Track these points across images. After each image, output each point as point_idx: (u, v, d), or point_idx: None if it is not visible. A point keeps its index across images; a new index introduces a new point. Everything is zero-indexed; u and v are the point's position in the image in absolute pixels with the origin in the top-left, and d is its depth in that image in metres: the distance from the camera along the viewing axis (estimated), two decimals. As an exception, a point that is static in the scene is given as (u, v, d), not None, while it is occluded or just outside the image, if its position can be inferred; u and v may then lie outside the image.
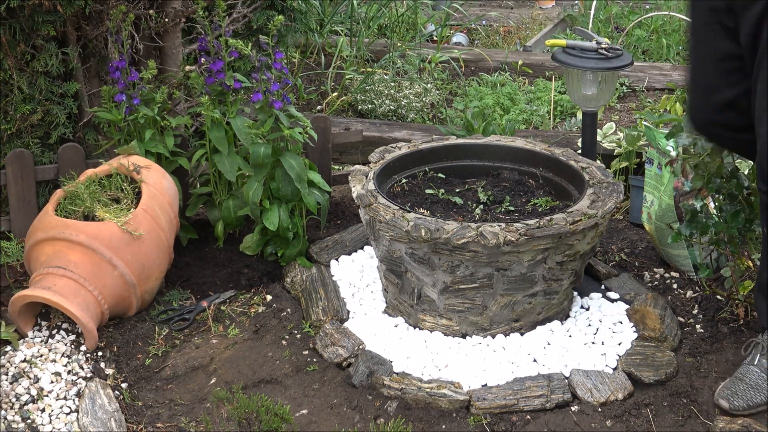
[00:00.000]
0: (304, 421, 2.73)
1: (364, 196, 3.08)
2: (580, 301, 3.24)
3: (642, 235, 3.69)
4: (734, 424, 2.61)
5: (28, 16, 3.25)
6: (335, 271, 3.42)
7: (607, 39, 4.16)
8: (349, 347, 2.97)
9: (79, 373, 2.87)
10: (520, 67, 5.76)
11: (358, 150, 4.32)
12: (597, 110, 3.79)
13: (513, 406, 2.73)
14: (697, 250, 3.30)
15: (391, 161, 3.37)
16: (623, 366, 2.88)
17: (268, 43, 3.28)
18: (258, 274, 3.45)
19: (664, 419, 2.69)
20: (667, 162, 3.25)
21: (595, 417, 2.70)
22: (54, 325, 3.07)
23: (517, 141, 3.55)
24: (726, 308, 3.12)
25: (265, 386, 2.88)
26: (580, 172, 3.27)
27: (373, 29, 6.01)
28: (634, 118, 4.97)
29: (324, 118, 3.75)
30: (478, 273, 2.91)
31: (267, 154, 3.29)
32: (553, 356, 2.94)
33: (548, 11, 7.53)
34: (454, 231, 2.85)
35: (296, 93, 5.12)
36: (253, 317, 3.20)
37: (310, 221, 3.65)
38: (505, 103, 5.16)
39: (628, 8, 6.77)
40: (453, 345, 3.00)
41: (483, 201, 3.29)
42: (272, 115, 3.30)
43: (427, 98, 5.16)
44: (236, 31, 3.82)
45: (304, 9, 4.16)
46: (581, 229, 2.91)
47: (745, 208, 2.89)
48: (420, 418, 2.71)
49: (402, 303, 3.12)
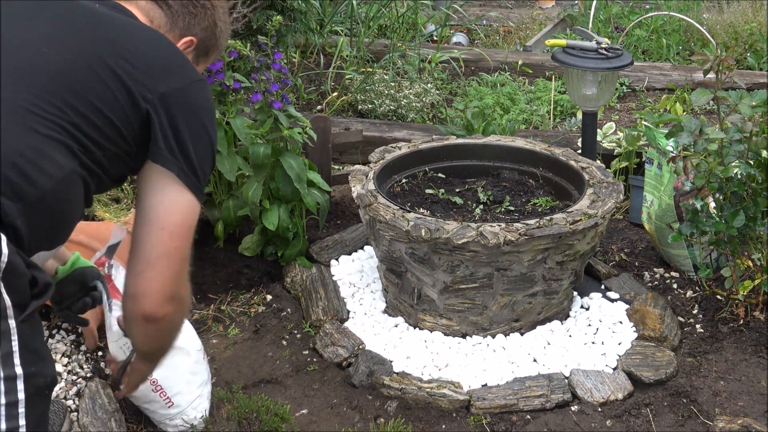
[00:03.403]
0: (304, 421, 2.73)
1: (364, 196, 3.08)
2: (580, 301, 3.24)
3: (642, 235, 3.69)
4: (734, 424, 2.61)
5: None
6: (335, 271, 3.42)
7: (607, 39, 4.16)
8: (349, 347, 2.97)
9: (79, 373, 2.87)
10: (520, 67, 5.76)
11: (358, 150, 4.32)
12: (597, 110, 3.79)
13: (513, 406, 2.73)
14: (697, 250, 3.30)
15: (391, 161, 3.37)
16: (623, 366, 2.88)
17: (267, 43, 3.28)
18: (258, 274, 3.45)
19: (664, 419, 2.69)
20: (668, 159, 3.25)
21: (595, 417, 2.70)
22: (54, 325, 3.06)
23: (517, 141, 3.55)
24: (726, 308, 3.12)
25: (265, 386, 2.88)
26: (580, 172, 3.27)
27: (373, 29, 6.01)
28: (634, 118, 4.97)
29: (324, 118, 3.75)
30: (478, 273, 2.91)
31: (267, 154, 3.29)
32: (553, 356, 2.94)
33: (548, 11, 7.53)
34: (454, 231, 2.85)
35: (296, 93, 5.12)
36: (253, 317, 3.20)
37: (310, 221, 3.65)
38: (505, 103, 5.15)
39: (628, 8, 6.77)
40: (453, 345, 3.00)
41: (483, 201, 3.29)
42: (272, 115, 3.30)
43: (427, 98, 5.16)
44: (236, 31, 3.82)
45: (304, 9, 4.16)
46: (581, 229, 2.91)
47: (748, 207, 2.89)
48: (420, 418, 2.71)
49: (402, 303, 3.12)
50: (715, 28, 6.31)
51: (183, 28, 1.90)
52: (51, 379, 1.69)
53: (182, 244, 1.76)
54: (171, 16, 1.89)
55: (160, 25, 1.88)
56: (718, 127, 2.92)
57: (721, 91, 2.87)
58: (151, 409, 2.64)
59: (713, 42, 5.70)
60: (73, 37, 1.70)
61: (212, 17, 1.94)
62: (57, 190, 1.61)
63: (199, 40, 1.93)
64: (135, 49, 1.72)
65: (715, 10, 6.77)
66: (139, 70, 1.70)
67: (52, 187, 1.60)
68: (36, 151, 1.58)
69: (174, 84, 1.73)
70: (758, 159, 2.91)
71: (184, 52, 1.90)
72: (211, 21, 1.94)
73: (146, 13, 1.87)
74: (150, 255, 1.74)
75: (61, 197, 1.64)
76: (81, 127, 1.64)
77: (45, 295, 1.64)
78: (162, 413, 2.63)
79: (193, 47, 1.93)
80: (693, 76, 5.54)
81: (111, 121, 1.68)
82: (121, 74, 1.69)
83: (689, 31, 6.34)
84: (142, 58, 1.72)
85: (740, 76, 5.25)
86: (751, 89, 4.74)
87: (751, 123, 2.85)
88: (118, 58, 1.69)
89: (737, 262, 3.00)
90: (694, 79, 5.48)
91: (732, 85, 4.71)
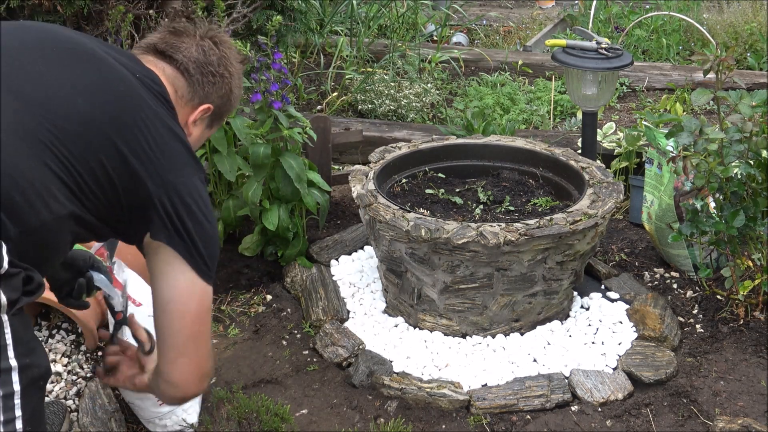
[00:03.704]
0: (304, 421, 2.73)
1: (364, 196, 3.08)
2: (580, 301, 3.24)
3: (642, 235, 3.69)
4: (734, 424, 2.61)
5: (28, 16, 3.25)
6: (335, 271, 3.42)
7: (607, 39, 4.16)
8: (349, 347, 2.97)
9: (79, 373, 2.87)
10: (520, 67, 5.76)
11: (358, 150, 4.32)
12: (597, 110, 3.79)
13: (513, 406, 2.73)
14: (697, 250, 3.29)
15: (391, 161, 3.37)
16: (623, 366, 2.88)
17: (267, 43, 3.28)
18: (258, 274, 3.45)
19: (664, 419, 2.69)
20: (668, 159, 3.25)
21: (595, 417, 2.70)
22: (54, 325, 3.06)
23: (517, 141, 3.55)
24: (726, 308, 3.12)
25: (265, 386, 2.88)
26: (580, 172, 3.27)
27: (373, 29, 6.01)
28: (634, 118, 4.97)
29: (324, 118, 3.75)
30: (478, 273, 2.91)
31: (266, 154, 3.29)
32: (553, 356, 2.94)
33: (548, 11, 7.53)
34: (454, 231, 2.85)
35: (296, 93, 5.12)
36: (253, 317, 3.20)
37: (310, 221, 3.65)
38: (505, 103, 5.15)
39: (628, 8, 6.77)
40: (453, 345, 3.00)
41: (483, 201, 3.29)
42: (272, 115, 3.30)
43: (427, 98, 5.16)
44: (236, 31, 3.82)
45: (304, 9, 4.16)
46: (581, 229, 2.91)
47: (748, 207, 2.89)
48: (420, 418, 2.71)
49: (402, 303, 3.12)
50: (715, 28, 6.31)
51: (202, 97, 1.98)
52: (45, 369, 1.74)
53: (203, 326, 1.90)
54: (192, 85, 1.97)
55: (183, 94, 1.95)
56: (718, 127, 2.92)
57: (721, 91, 2.87)
58: (142, 406, 2.64)
59: (713, 42, 5.70)
60: (106, 98, 1.77)
61: (229, 85, 2.02)
62: (52, 227, 1.69)
63: (215, 107, 2.01)
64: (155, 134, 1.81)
65: (715, 10, 6.77)
66: (155, 154, 1.79)
67: (49, 222, 1.68)
68: (44, 185, 1.67)
69: (181, 175, 1.83)
70: (758, 159, 2.91)
71: (200, 118, 2.00)
72: (227, 89, 2.02)
73: (171, 82, 1.94)
74: (178, 343, 1.88)
75: (53, 234, 1.72)
76: (86, 179, 1.73)
77: (36, 294, 1.70)
78: (152, 411, 2.62)
79: (210, 113, 2.02)
80: (693, 76, 5.54)
81: (114, 185, 1.77)
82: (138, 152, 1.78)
83: (689, 31, 6.34)
84: (160, 145, 1.81)
85: (740, 76, 5.25)
86: (751, 89, 4.74)
87: (751, 123, 2.85)
88: (143, 139, 1.78)
89: (737, 262, 3.00)
90: (694, 79, 5.48)
91: (732, 85, 4.71)
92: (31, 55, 1.76)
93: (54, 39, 1.83)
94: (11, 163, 1.62)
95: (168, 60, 1.95)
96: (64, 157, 1.69)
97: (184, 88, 1.95)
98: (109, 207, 1.78)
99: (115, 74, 1.81)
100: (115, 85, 1.80)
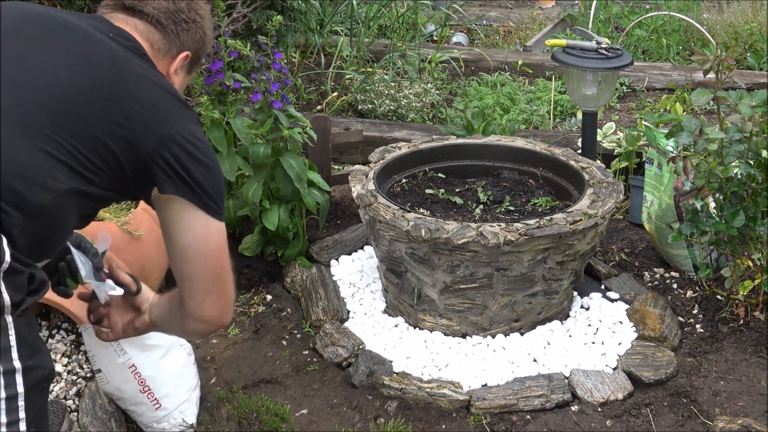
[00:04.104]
0: (304, 421, 2.73)
1: (364, 196, 3.08)
2: (580, 301, 3.24)
3: (642, 235, 3.69)
4: (734, 424, 2.61)
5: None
6: (335, 271, 3.42)
7: (607, 39, 4.16)
8: (349, 347, 2.97)
9: (79, 373, 2.86)
10: (520, 67, 5.76)
11: (358, 150, 4.32)
12: (597, 110, 3.79)
13: (513, 406, 2.73)
14: (697, 250, 3.29)
15: (391, 161, 3.37)
16: (623, 366, 2.88)
17: (267, 43, 3.28)
18: (258, 274, 3.45)
19: (664, 419, 2.69)
20: (668, 159, 3.25)
21: (595, 417, 2.70)
22: (54, 324, 3.06)
23: (517, 141, 3.55)
24: (726, 308, 3.12)
25: (265, 386, 2.88)
26: (580, 172, 3.27)
27: (373, 29, 6.01)
28: (634, 118, 4.97)
29: (324, 118, 3.75)
30: (478, 273, 2.91)
31: (266, 154, 3.29)
32: (553, 356, 2.94)
33: (548, 11, 7.53)
34: (454, 231, 2.85)
35: (296, 93, 5.12)
36: (253, 317, 3.20)
37: (310, 221, 3.65)
38: (505, 103, 5.15)
39: (628, 8, 6.77)
40: (453, 345, 3.00)
41: (483, 201, 3.29)
42: (271, 115, 3.30)
43: (427, 98, 5.16)
44: (236, 31, 3.82)
45: (304, 9, 4.16)
46: (581, 229, 2.91)
47: (748, 207, 2.89)
48: (420, 418, 2.71)
49: (402, 303, 3.12)
50: (715, 28, 6.31)
51: (179, 46, 1.98)
52: (49, 371, 1.74)
53: (224, 263, 1.93)
54: (168, 36, 1.96)
55: (159, 47, 1.95)
56: (718, 127, 2.92)
57: (721, 91, 2.87)
58: (138, 412, 2.63)
59: (713, 42, 5.70)
60: (89, 69, 1.77)
61: (202, 29, 2.03)
62: (54, 205, 1.69)
63: (192, 53, 2.02)
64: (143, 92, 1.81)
65: (715, 10, 6.77)
66: (147, 113, 1.80)
67: (50, 201, 1.68)
68: (42, 168, 1.67)
69: (176, 125, 1.83)
70: (758, 159, 2.91)
71: (181, 66, 2.00)
72: (201, 33, 2.03)
73: (146, 37, 1.93)
74: (206, 284, 1.90)
75: (57, 212, 1.72)
76: (84, 153, 1.73)
77: (41, 292, 1.70)
78: (149, 416, 2.62)
79: (189, 60, 2.02)
80: (693, 76, 5.54)
81: (114, 153, 1.77)
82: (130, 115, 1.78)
83: (689, 31, 6.34)
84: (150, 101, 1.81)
85: (740, 76, 5.25)
86: (751, 89, 4.73)
87: (751, 123, 2.85)
88: (131, 100, 1.79)
89: (737, 262, 3.00)
90: (694, 79, 5.48)
91: (732, 85, 4.71)
92: (9, 39, 1.75)
93: (28, 17, 1.82)
94: (7, 151, 1.62)
95: (138, 15, 1.94)
96: (59, 137, 1.69)
97: (160, 41, 1.94)
98: (113, 175, 1.79)
99: (94, 42, 1.81)
100: (96, 54, 1.79)
